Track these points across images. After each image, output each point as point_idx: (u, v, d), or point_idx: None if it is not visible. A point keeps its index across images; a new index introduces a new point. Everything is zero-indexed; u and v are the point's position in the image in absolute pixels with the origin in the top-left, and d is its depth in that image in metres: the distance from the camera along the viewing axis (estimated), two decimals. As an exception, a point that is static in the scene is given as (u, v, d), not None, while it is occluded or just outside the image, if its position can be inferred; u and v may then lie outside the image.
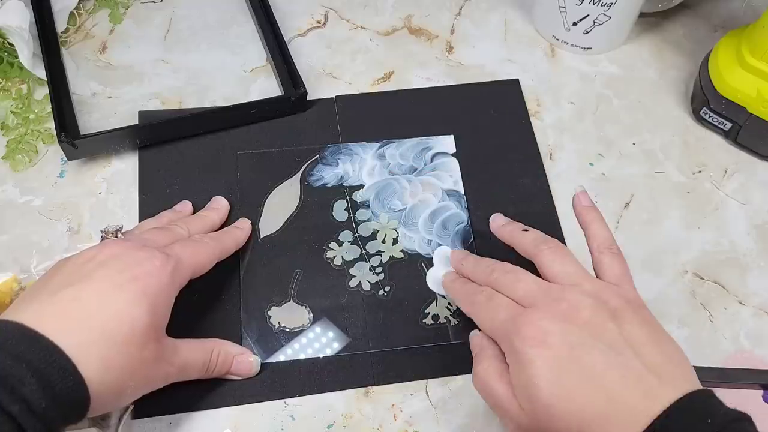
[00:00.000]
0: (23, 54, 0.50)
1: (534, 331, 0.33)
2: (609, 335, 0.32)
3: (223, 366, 0.40)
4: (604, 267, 0.37)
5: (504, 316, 0.35)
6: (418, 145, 0.51)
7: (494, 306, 0.36)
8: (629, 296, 0.35)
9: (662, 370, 0.31)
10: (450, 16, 0.59)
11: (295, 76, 0.51)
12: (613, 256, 0.37)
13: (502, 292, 0.37)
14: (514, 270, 0.37)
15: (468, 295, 0.39)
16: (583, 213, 0.40)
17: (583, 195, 0.41)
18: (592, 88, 0.56)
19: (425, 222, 0.47)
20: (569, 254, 0.37)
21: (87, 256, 0.36)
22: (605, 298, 0.34)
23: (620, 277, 0.37)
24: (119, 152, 0.49)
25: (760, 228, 0.49)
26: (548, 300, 0.34)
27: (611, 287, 0.35)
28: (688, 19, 0.60)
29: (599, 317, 0.33)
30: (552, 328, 0.33)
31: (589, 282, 0.35)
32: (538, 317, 0.33)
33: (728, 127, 0.52)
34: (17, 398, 0.29)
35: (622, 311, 0.34)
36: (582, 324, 0.33)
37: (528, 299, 0.35)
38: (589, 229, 0.39)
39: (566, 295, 0.34)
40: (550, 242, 0.38)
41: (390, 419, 0.41)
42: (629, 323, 0.33)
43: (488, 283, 0.38)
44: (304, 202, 0.48)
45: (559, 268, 0.36)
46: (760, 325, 0.45)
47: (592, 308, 0.33)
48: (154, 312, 0.35)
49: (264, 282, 0.44)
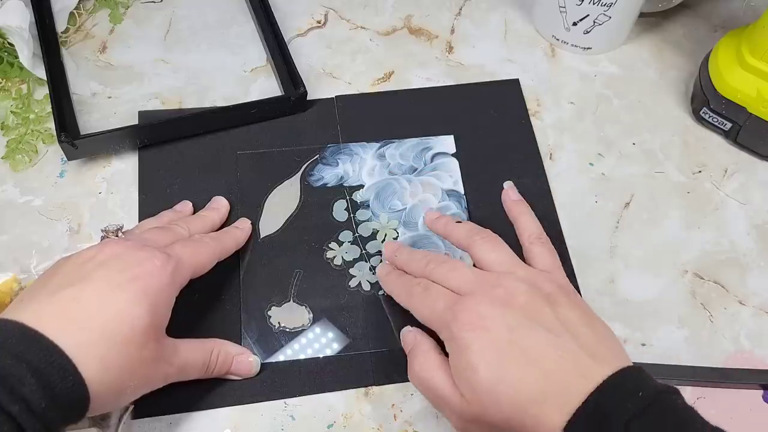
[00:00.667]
0: (23, 54, 0.50)
1: (472, 316, 0.34)
2: (545, 318, 0.34)
3: (223, 366, 0.40)
4: (535, 256, 0.39)
5: (442, 305, 0.35)
6: (418, 145, 0.51)
7: (431, 296, 0.37)
8: (561, 282, 0.37)
9: (596, 350, 0.32)
10: (450, 16, 0.59)
11: (295, 76, 0.51)
12: (542, 246, 0.40)
13: (438, 282, 0.37)
14: (448, 260, 0.38)
15: (404, 287, 0.39)
16: (513, 207, 0.43)
17: (512, 190, 0.44)
18: (592, 88, 0.56)
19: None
20: (502, 243, 0.38)
21: (87, 255, 0.36)
22: (539, 284, 0.36)
23: (551, 264, 0.39)
24: (119, 152, 0.49)
25: (760, 228, 0.49)
26: (485, 287, 0.35)
27: (543, 274, 0.37)
28: (688, 19, 0.60)
29: (535, 301, 0.34)
30: (489, 312, 0.34)
31: (522, 269, 0.37)
32: (476, 302, 0.34)
33: (728, 127, 0.52)
34: (17, 398, 0.29)
35: (556, 296, 0.35)
36: (519, 307, 0.34)
37: (465, 288, 0.36)
38: (519, 222, 0.42)
39: (502, 281, 0.35)
40: (483, 233, 0.39)
41: (390, 419, 0.41)
42: (563, 307, 0.34)
43: (424, 274, 0.38)
44: (304, 202, 0.48)
45: (494, 257, 0.37)
46: (760, 325, 0.45)
47: (527, 293, 0.35)
48: (155, 312, 0.35)
49: (264, 282, 0.44)
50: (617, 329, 0.44)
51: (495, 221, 0.48)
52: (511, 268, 0.37)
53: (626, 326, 0.44)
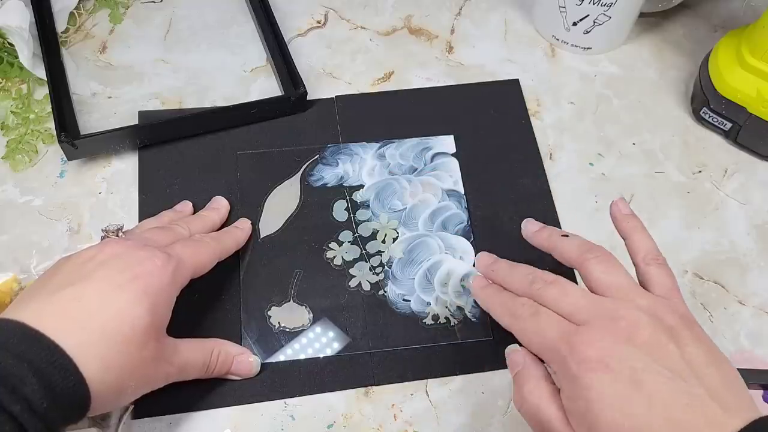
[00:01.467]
0: (23, 54, 0.50)
1: (592, 352, 0.31)
2: (671, 358, 0.30)
3: (223, 366, 0.40)
4: (652, 279, 0.35)
5: (554, 333, 0.33)
6: (418, 145, 0.51)
7: (542, 321, 0.33)
8: (682, 311, 0.33)
9: (725, 397, 0.30)
10: (450, 16, 0.59)
11: (295, 76, 0.51)
12: (660, 268, 0.35)
13: (546, 305, 0.34)
14: (557, 280, 0.35)
15: (506, 307, 0.36)
16: (624, 222, 0.38)
17: (622, 203, 0.39)
18: (592, 88, 0.56)
19: (425, 222, 0.47)
20: (618, 264, 0.35)
21: (87, 255, 0.36)
22: (661, 315, 0.32)
23: (670, 290, 0.34)
24: (119, 152, 0.49)
25: (760, 228, 0.49)
26: (603, 317, 0.32)
27: (664, 302, 0.33)
28: (688, 19, 0.60)
29: (659, 337, 0.31)
30: (611, 349, 0.31)
31: (642, 297, 0.33)
32: (596, 337, 0.31)
33: (728, 127, 0.52)
34: (18, 398, 0.29)
35: (679, 329, 0.32)
36: (642, 345, 0.31)
37: (579, 315, 0.33)
38: (632, 239, 0.37)
39: (622, 311, 0.32)
40: (596, 250, 0.35)
41: (390, 419, 0.41)
42: (688, 343, 0.31)
43: (529, 294, 0.35)
44: (304, 202, 0.48)
45: (610, 280, 0.34)
46: (760, 325, 0.45)
47: (650, 327, 0.31)
48: (155, 312, 0.35)
49: (264, 282, 0.44)
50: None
51: (495, 221, 0.48)
52: (629, 295, 0.33)
53: (626, 326, 0.44)
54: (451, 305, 0.44)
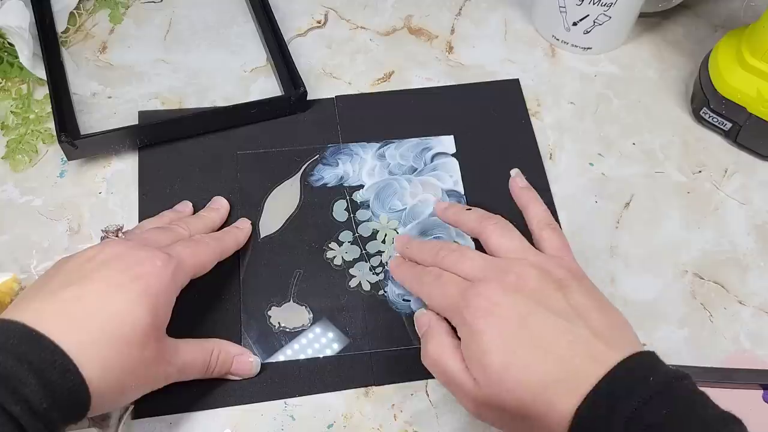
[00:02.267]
0: (23, 54, 0.50)
1: (484, 302, 0.34)
2: (557, 304, 0.34)
3: (223, 366, 0.40)
4: (544, 241, 0.39)
5: (453, 291, 0.36)
6: (418, 146, 0.51)
7: (443, 283, 0.37)
8: (572, 267, 0.37)
9: (608, 336, 0.32)
10: (450, 16, 0.59)
11: (295, 76, 0.51)
12: (552, 231, 0.39)
13: (449, 270, 0.37)
14: (459, 248, 0.38)
15: (415, 276, 0.39)
16: (521, 194, 0.42)
17: (519, 177, 0.43)
18: (592, 88, 0.56)
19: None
20: (513, 229, 0.38)
21: (88, 255, 0.36)
22: (550, 269, 0.35)
23: (561, 249, 0.38)
24: (119, 152, 0.49)
25: (760, 228, 0.49)
26: (496, 273, 0.35)
27: (554, 258, 0.37)
28: (688, 19, 0.60)
29: (546, 287, 0.34)
30: (501, 298, 0.34)
31: (533, 255, 0.37)
32: (487, 288, 0.34)
33: (728, 127, 0.52)
34: (19, 399, 0.29)
35: (567, 280, 0.35)
36: (530, 293, 0.34)
37: (476, 274, 0.36)
38: (528, 209, 0.41)
39: (513, 267, 0.35)
40: (494, 218, 0.39)
41: (390, 419, 0.41)
42: (575, 292, 0.34)
43: (435, 263, 0.39)
44: (304, 202, 0.48)
45: (504, 243, 0.37)
46: (760, 325, 0.45)
47: (538, 278, 0.35)
48: (155, 312, 0.35)
49: (264, 282, 0.44)
50: (617, 329, 0.44)
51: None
52: (522, 254, 0.37)
53: (626, 326, 0.44)
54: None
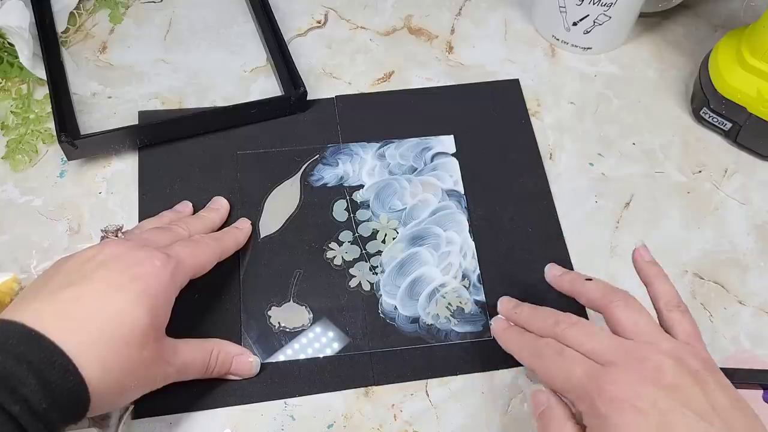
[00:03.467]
0: (23, 54, 0.50)
1: (620, 393, 0.31)
2: (696, 401, 0.31)
3: (223, 366, 0.40)
4: (674, 325, 0.36)
5: (580, 373, 0.33)
6: (418, 145, 0.51)
7: (567, 361, 0.34)
8: (705, 357, 0.34)
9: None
10: (450, 16, 0.59)
11: (295, 76, 0.51)
12: (682, 314, 0.36)
13: (570, 345, 0.34)
14: (581, 321, 0.35)
15: (530, 346, 0.37)
16: (646, 269, 0.39)
17: (644, 250, 0.40)
18: (592, 88, 0.56)
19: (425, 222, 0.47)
20: (642, 308, 0.36)
21: (87, 255, 0.36)
22: (685, 359, 0.32)
23: (692, 336, 0.35)
24: (119, 152, 0.49)
25: (760, 228, 0.49)
26: (629, 358, 0.32)
27: (687, 347, 0.34)
28: (688, 19, 0.60)
29: (684, 380, 0.31)
30: (640, 390, 0.31)
31: (666, 341, 0.34)
32: (623, 377, 0.31)
33: (728, 127, 0.52)
34: (18, 399, 0.29)
35: (703, 374, 0.32)
36: (668, 387, 0.31)
37: (604, 356, 0.33)
38: (654, 286, 0.38)
39: (647, 353, 0.32)
40: (620, 293, 0.36)
41: (390, 419, 0.41)
42: (713, 387, 0.32)
43: (553, 334, 0.36)
44: (304, 202, 0.48)
45: (633, 323, 0.34)
46: (760, 325, 0.45)
47: (675, 370, 0.32)
48: (155, 312, 0.35)
49: (264, 282, 0.44)
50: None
51: (495, 221, 0.48)
52: (653, 338, 0.34)
53: (626, 326, 0.44)
54: (451, 305, 0.44)
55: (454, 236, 0.47)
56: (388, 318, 0.44)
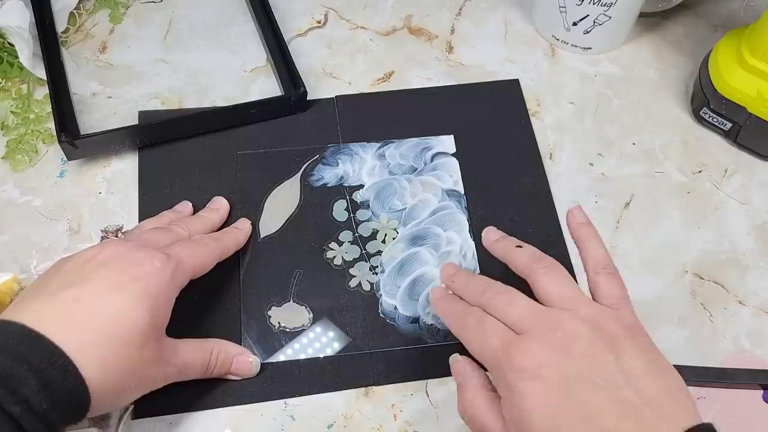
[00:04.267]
0: (23, 54, 0.50)
1: (527, 362, 0.31)
2: (606, 368, 0.31)
3: (223, 366, 0.40)
4: (600, 288, 0.35)
5: (495, 342, 0.33)
6: (418, 145, 0.51)
7: (485, 330, 0.34)
8: (628, 321, 0.33)
9: (661, 405, 0.30)
10: (450, 16, 0.59)
11: (295, 76, 0.51)
12: (610, 277, 0.36)
13: (494, 314, 0.35)
14: (508, 291, 0.35)
15: (457, 316, 0.37)
16: (578, 230, 0.38)
17: (578, 211, 0.39)
18: (592, 88, 0.56)
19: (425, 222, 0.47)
20: (565, 275, 0.35)
21: (87, 256, 0.36)
22: (603, 324, 0.32)
23: (618, 299, 0.35)
24: (119, 152, 0.49)
25: (760, 228, 0.49)
26: (543, 327, 0.32)
27: (609, 312, 0.34)
28: (688, 19, 0.60)
29: (596, 348, 0.31)
30: (546, 359, 0.31)
31: (585, 306, 0.33)
32: (532, 346, 0.32)
33: (728, 127, 0.52)
34: (18, 399, 0.29)
35: (621, 339, 0.32)
36: (578, 355, 0.31)
37: (522, 325, 0.33)
38: (585, 248, 0.37)
39: (562, 321, 0.32)
40: (546, 261, 0.36)
41: (390, 419, 0.41)
42: (628, 353, 0.31)
43: (480, 303, 0.36)
44: (304, 202, 0.48)
45: (555, 290, 0.34)
46: (760, 325, 0.45)
47: (589, 338, 0.32)
48: (155, 312, 0.35)
49: (264, 282, 0.44)
50: (617, 329, 0.44)
51: (495, 221, 0.47)
52: (573, 305, 0.33)
53: (626, 326, 0.44)
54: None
55: (454, 236, 0.47)
56: (388, 318, 0.44)
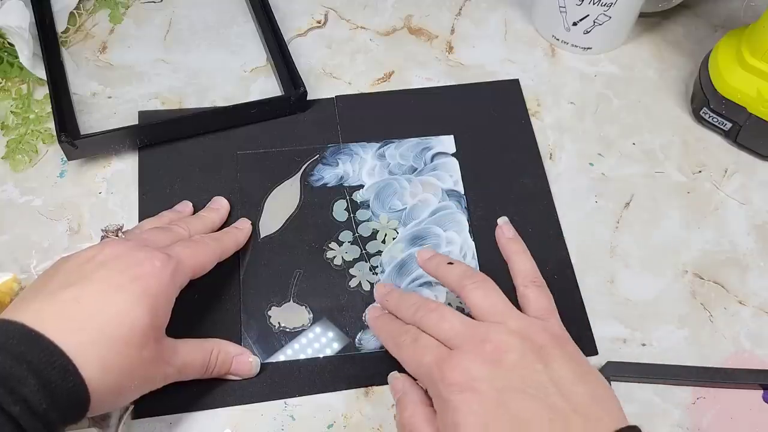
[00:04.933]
0: (23, 54, 0.50)
1: (459, 376, 0.32)
2: (536, 377, 0.32)
3: (223, 366, 0.40)
4: (529, 301, 0.37)
5: (430, 359, 0.34)
6: (418, 145, 0.51)
7: (420, 348, 0.35)
8: (555, 331, 0.35)
9: (589, 410, 0.31)
10: (450, 16, 0.59)
11: (295, 76, 0.51)
12: (537, 290, 0.37)
13: (427, 331, 0.36)
14: (438, 308, 0.36)
15: (393, 335, 0.38)
16: (507, 246, 0.40)
17: (507, 226, 0.41)
18: (592, 88, 0.56)
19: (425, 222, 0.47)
20: (494, 289, 0.37)
21: (87, 255, 0.36)
22: (532, 336, 0.34)
23: (545, 310, 0.37)
24: (119, 152, 0.49)
25: (760, 228, 0.49)
26: (474, 341, 0.33)
27: (537, 323, 0.35)
28: (688, 19, 0.60)
29: (526, 358, 0.33)
30: (477, 372, 0.32)
31: (514, 319, 0.35)
32: (463, 360, 0.33)
33: (728, 127, 0.52)
34: (18, 399, 0.29)
35: (549, 349, 0.33)
36: (508, 366, 0.32)
37: (453, 340, 0.34)
38: (513, 262, 0.39)
39: (492, 334, 0.34)
40: (475, 276, 0.37)
41: (390, 419, 0.41)
42: (557, 362, 0.33)
43: (413, 321, 0.37)
44: (304, 202, 0.48)
45: (485, 305, 0.36)
46: (760, 325, 0.45)
47: (518, 349, 0.33)
48: (155, 312, 0.35)
49: (264, 282, 0.44)
50: (617, 329, 0.44)
51: (495, 221, 0.48)
52: (502, 318, 0.35)
53: (626, 326, 0.44)
54: (451, 305, 0.44)
55: (454, 236, 0.47)
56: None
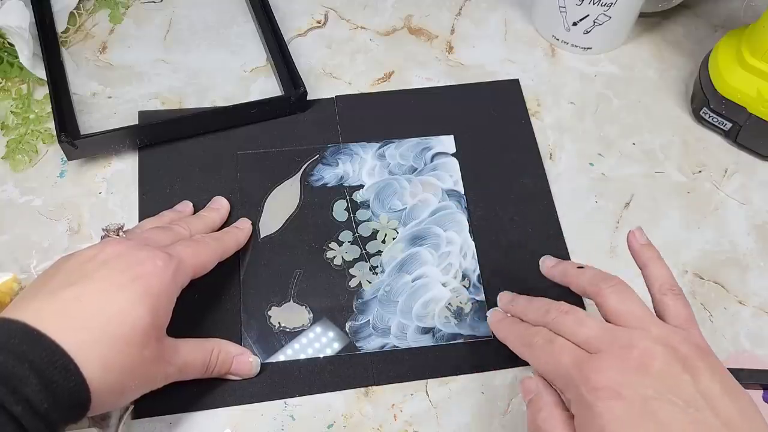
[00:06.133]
0: (23, 54, 0.50)
1: (604, 381, 0.31)
2: (684, 388, 0.30)
3: (223, 366, 0.40)
4: (668, 309, 0.35)
5: (568, 361, 0.33)
6: (418, 145, 0.51)
7: (556, 349, 0.34)
8: (698, 342, 0.33)
9: (739, 427, 0.30)
10: (450, 16, 0.59)
11: (295, 76, 0.51)
12: (676, 298, 0.35)
13: (561, 334, 0.34)
14: (572, 310, 0.35)
15: (522, 336, 0.37)
16: (641, 252, 0.38)
17: (639, 232, 0.39)
18: (592, 88, 0.56)
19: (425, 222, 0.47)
20: (633, 293, 0.35)
21: (88, 254, 0.36)
22: (675, 345, 0.32)
23: (686, 320, 0.35)
24: (119, 152, 0.49)
25: (760, 228, 0.49)
26: (616, 346, 0.32)
27: (679, 332, 0.33)
28: (688, 19, 0.60)
29: (672, 367, 0.31)
30: (624, 378, 0.31)
31: (656, 326, 0.33)
32: (608, 365, 0.31)
33: (728, 127, 0.52)
34: (20, 398, 0.29)
35: (694, 360, 0.32)
36: (655, 374, 0.31)
37: (593, 344, 0.33)
38: (648, 269, 0.37)
39: (635, 340, 0.32)
40: (611, 280, 0.36)
41: (390, 419, 0.41)
42: (703, 374, 0.31)
43: (545, 323, 0.36)
44: (304, 202, 0.48)
45: (624, 309, 0.34)
46: (760, 325, 0.45)
47: (663, 357, 0.31)
48: (156, 312, 0.35)
49: (264, 282, 0.44)
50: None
51: (495, 221, 0.48)
52: (643, 324, 0.33)
53: (626, 326, 0.44)
54: (451, 305, 0.44)
55: (454, 236, 0.47)
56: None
